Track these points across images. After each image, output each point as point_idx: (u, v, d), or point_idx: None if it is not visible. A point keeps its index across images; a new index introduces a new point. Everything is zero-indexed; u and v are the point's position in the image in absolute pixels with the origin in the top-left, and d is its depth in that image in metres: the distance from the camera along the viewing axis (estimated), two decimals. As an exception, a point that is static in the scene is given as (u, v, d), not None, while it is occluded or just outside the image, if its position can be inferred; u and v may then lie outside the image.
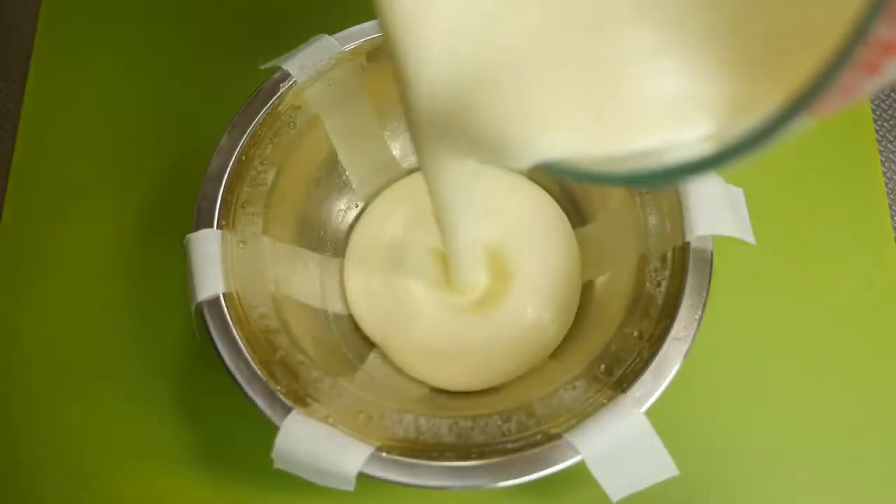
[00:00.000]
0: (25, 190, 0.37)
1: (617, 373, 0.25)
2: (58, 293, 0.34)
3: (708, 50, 0.13)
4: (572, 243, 0.32)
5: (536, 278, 0.32)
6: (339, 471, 0.22)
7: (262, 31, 0.39)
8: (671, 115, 0.13)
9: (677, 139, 0.13)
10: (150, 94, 0.38)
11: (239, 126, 0.28)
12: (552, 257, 0.32)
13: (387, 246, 0.33)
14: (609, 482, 0.22)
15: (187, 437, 0.32)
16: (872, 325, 0.32)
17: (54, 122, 0.38)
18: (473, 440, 0.24)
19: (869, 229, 0.34)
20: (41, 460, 0.32)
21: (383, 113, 0.32)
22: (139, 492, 0.31)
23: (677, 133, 0.13)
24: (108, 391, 0.33)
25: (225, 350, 0.25)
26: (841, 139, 0.36)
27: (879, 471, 0.30)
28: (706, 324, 0.24)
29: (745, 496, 0.30)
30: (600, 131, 0.14)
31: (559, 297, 0.31)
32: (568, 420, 0.24)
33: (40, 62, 0.39)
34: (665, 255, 0.26)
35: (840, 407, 0.31)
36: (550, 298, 0.31)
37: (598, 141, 0.14)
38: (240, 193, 0.28)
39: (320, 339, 0.30)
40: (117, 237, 0.35)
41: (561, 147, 0.14)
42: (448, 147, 0.18)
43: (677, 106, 0.13)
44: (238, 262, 0.27)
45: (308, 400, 0.25)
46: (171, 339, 0.33)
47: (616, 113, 0.14)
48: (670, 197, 0.27)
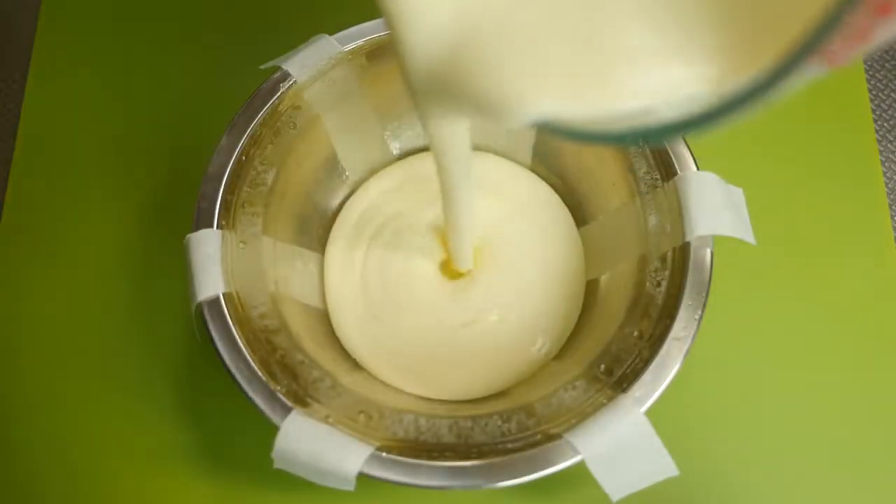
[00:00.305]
0: (25, 190, 0.37)
1: (617, 373, 0.25)
2: (58, 293, 0.34)
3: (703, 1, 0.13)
4: (576, 241, 0.32)
5: (537, 274, 0.31)
6: (339, 471, 0.22)
7: (262, 31, 0.39)
8: (664, 69, 0.13)
9: (671, 95, 0.13)
10: (150, 94, 0.38)
11: (239, 126, 0.28)
12: (551, 252, 0.32)
13: (373, 227, 0.33)
14: (609, 482, 0.22)
15: (187, 437, 0.32)
16: (872, 324, 0.32)
17: (54, 122, 0.38)
18: (473, 440, 0.24)
19: (869, 229, 0.34)
20: (41, 460, 0.32)
21: (383, 113, 0.32)
22: (139, 491, 0.31)
23: (671, 88, 0.13)
24: (108, 391, 0.33)
25: (225, 350, 0.25)
26: (841, 139, 0.36)
27: (879, 471, 0.30)
28: (706, 324, 0.24)
29: (745, 496, 0.30)
30: (591, 88, 0.14)
31: (561, 295, 0.31)
32: (568, 420, 0.24)
33: (40, 62, 0.39)
34: (665, 255, 0.26)
35: (840, 406, 0.31)
36: (551, 297, 0.31)
37: (589, 98, 0.14)
38: (240, 193, 0.28)
39: (320, 340, 0.30)
40: (117, 237, 0.35)
41: (552, 105, 0.14)
42: (446, 107, 0.18)
43: (670, 60, 0.13)
44: (238, 262, 0.27)
45: (308, 400, 0.25)
46: (171, 339, 0.33)
47: (607, 69, 0.14)
48: (670, 197, 0.27)
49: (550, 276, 0.31)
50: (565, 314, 0.31)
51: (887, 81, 0.38)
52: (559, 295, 0.31)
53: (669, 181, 0.27)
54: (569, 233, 0.32)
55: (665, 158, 0.27)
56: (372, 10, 0.29)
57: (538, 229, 0.32)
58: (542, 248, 0.32)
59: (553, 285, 0.31)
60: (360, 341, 0.31)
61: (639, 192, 0.28)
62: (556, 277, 0.31)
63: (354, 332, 0.31)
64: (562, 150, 0.33)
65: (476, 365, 0.30)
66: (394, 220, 0.33)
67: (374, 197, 0.34)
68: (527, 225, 0.32)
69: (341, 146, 0.32)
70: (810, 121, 0.36)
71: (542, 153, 0.33)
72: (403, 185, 0.34)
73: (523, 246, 0.32)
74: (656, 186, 0.27)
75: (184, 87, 0.38)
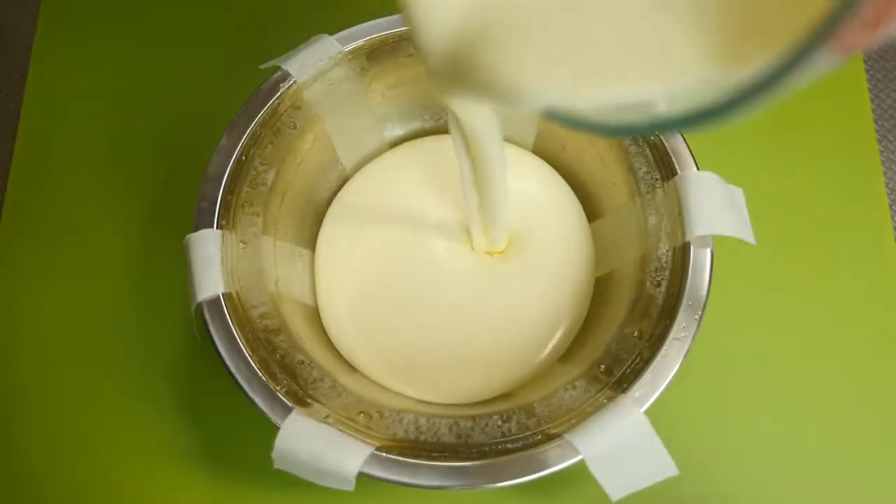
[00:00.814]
0: (25, 190, 0.37)
1: (617, 373, 0.25)
2: (58, 293, 0.34)
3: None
4: (588, 238, 0.32)
5: (557, 268, 0.31)
6: (339, 471, 0.22)
7: (263, 31, 0.39)
8: (666, 62, 0.13)
9: (673, 89, 0.13)
10: (149, 93, 0.38)
11: (239, 126, 0.28)
12: (572, 247, 0.31)
13: (366, 216, 0.32)
14: (609, 482, 0.22)
15: (187, 436, 0.32)
16: (872, 324, 0.32)
17: (54, 122, 0.38)
18: (473, 440, 0.24)
19: (869, 229, 0.34)
20: (41, 460, 0.32)
21: (383, 113, 0.32)
22: (139, 491, 0.31)
23: (673, 82, 0.13)
24: (108, 391, 0.32)
25: (225, 350, 0.25)
26: (841, 139, 0.36)
27: (879, 470, 0.30)
28: (706, 324, 0.24)
29: (745, 495, 0.30)
30: (594, 78, 0.14)
31: (575, 293, 0.30)
32: (568, 420, 0.24)
33: (40, 62, 0.39)
34: (665, 255, 0.26)
35: (840, 406, 0.31)
36: (569, 293, 0.30)
37: (591, 89, 0.14)
38: (240, 193, 0.28)
39: (320, 340, 0.30)
40: (117, 237, 0.35)
41: (557, 93, 0.15)
42: (461, 91, 0.19)
43: (672, 53, 0.13)
44: (238, 262, 0.27)
45: (308, 400, 0.25)
46: (171, 339, 0.33)
47: (611, 59, 0.14)
48: (670, 197, 0.27)
49: (568, 272, 0.31)
50: (578, 313, 0.30)
51: (887, 81, 0.38)
52: (574, 292, 0.31)
53: (669, 181, 0.27)
54: (584, 229, 0.32)
55: (665, 158, 0.27)
56: (372, 10, 0.29)
57: (558, 223, 0.32)
58: (564, 243, 0.31)
59: (569, 281, 0.31)
60: (354, 341, 0.30)
61: (639, 192, 0.28)
62: (573, 273, 0.31)
63: (348, 332, 0.30)
64: (563, 149, 0.33)
65: (483, 367, 0.29)
66: (391, 208, 0.32)
67: (364, 185, 0.33)
68: (548, 218, 0.32)
69: (341, 146, 0.32)
70: (810, 121, 0.36)
71: (542, 150, 0.33)
72: (396, 169, 0.33)
73: (546, 240, 0.31)
74: (656, 186, 0.27)
75: (184, 86, 0.38)
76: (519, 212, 0.31)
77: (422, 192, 0.32)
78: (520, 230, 0.31)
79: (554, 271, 0.31)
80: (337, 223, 0.33)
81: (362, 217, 0.32)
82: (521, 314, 0.30)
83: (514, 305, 0.30)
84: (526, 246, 0.31)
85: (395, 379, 0.29)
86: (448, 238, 0.31)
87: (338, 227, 0.32)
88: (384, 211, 0.32)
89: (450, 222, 0.32)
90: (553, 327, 0.30)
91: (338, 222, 0.33)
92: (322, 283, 0.31)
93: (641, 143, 0.28)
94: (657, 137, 0.27)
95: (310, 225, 0.32)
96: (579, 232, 0.32)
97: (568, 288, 0.31)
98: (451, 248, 0.31)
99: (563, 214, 0.32)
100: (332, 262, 0.32)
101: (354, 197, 0.33)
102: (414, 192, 0.32)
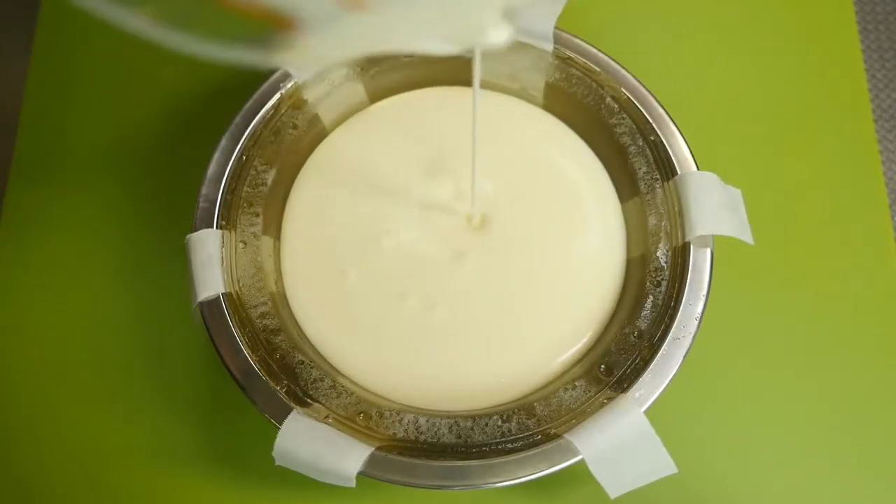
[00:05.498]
0: (25, 190, 0.37)
1: (617, 373, 0.25)
2: (58, 293, 0.34)
3: None
4: (617, 219, 0.29)
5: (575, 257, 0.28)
6: (340, 471, 0.22)
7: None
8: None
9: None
10: (150, 93, 0.38)
11: (239, 126, 0.28)
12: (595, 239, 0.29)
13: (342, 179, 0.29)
14: (609, 481, 0.22)
15: (187, 436, 0.32)
16: (872, 324, 0.32)
17: (54, 122, 0.38)
18: (473, 440, 0.24)
19: (869, 229, 0.34)
20: (41, 460, 0.32)
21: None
22: (139, 491, 0.31)
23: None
24: (108, 391, 0.32)
25: (225, 350, 0.25)
26: (841, 139, 0.36)
27: (879, 470, 0.30)
28: (706, 324, 0.24)
29: (744, 495, 0.30)
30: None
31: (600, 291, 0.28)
32: (568, 420, 0.24)
33: (40, 62, 0.39)
34: (665, 255, 0.26)
35: (839, 406, 0.31)
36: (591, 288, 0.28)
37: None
38: (240, 193, 0.28)
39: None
40: (118, 237, 0.35)
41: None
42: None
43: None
44: (238, 262, 0.27)
45: (308, 400, 0.25)
46: (171, 339, 0.33)
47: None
48: (670, 197, 0.27)
49: (601, 256, 0.29)
50: (603, 317, 0.28)
51: (887, 81, 0.38)
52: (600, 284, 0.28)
53: (669, 181, 0.27)
54: (615, 209, 0.29)
55: (665, 158, 0.27)
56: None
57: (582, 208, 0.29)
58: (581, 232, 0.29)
59: (599, 266, 0.29)
60: (330, 334, 0.27)
61: (639, 192, 0.28)
62: (605, 257, 0.29)
63: (322, 324, 0.28)
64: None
65: (488, 377, 0.27)
66: (367, 173, 0.29)
67: (342, 143, 0.30)
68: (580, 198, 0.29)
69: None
70: (810, 121, 0.36)
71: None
72: (373, 130, 0.31)
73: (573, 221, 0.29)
74: (656, 186, 0.27)
75: (184, 86, 0.38)
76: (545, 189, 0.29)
77: (401, 149, 0.30)
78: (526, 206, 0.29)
79: (576, 261, 0.28)
80: (304, 183, 0.30)
81: (338, 180, 0.30)
82: (523, 310, 0.28)
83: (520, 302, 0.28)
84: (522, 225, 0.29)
85: (395, 392, 0.27)
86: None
87: (306, 185, 0.30)
88: (359, 175, 0.30)
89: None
90: (574, 335, 0.27)
91: (305, 182, 0.30)
92: (287, 267, 0.29)
93: (641, 143, 0.28)
94: (657, 137, 0.27)
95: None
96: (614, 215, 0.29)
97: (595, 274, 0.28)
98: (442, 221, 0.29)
99: (598, 197, 0.29)
100: (299, 239, 0.29)
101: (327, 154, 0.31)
102: (393, 153, 0.30)
